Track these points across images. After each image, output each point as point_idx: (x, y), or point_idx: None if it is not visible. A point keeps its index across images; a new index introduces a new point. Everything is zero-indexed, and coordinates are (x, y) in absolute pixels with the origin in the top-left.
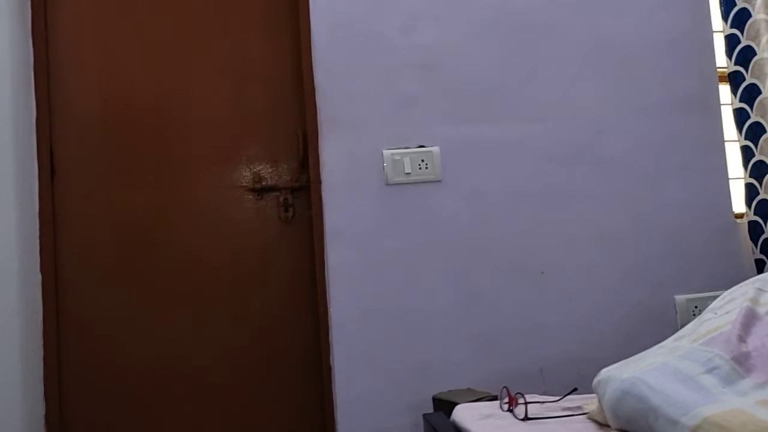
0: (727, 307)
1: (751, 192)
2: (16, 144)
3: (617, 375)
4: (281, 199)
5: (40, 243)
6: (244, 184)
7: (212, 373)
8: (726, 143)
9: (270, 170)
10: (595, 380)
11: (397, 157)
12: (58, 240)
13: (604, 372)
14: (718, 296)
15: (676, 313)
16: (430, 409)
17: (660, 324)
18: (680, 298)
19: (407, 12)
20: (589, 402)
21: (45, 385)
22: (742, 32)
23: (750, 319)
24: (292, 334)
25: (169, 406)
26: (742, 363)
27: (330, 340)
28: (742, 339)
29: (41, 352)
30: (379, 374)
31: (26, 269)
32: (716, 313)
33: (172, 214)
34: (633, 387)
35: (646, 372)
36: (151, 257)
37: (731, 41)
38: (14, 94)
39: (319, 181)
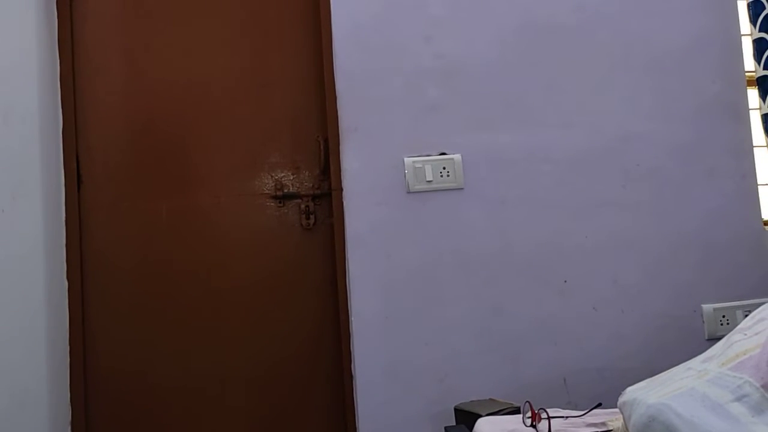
0: (756, 328)
1: None
2: (43, 154)
3: (643, 398)
4: (303, 206)
5: (67, 251)
6: (266, 192)
7: (229, 379)
8: (754, 149)
9: (291, 178)
10: (620, 400)
11: (419, 165)
12: (84, 248)
13: (630, 392)
14: (745, 305)
15: (703, 322)
16: (451, 419)
17: (687, 334)
18: (707, 307)
19: (429, 19)
20: (613, 418)
21: (71, 391)
22: None
23: None
24: (314, 342)
25: (192, 403)
26: None
27: (351, 348)
28: None
29: (67, 359)
30: (400, 383)
31: (53, 276)
32: (746, 334)
33: (195, 222)
34: (660, 414)
35: (674, 398)
36: (175, 265)
37: (760, 45)
38: (41, 104)
39: (340, 189)
